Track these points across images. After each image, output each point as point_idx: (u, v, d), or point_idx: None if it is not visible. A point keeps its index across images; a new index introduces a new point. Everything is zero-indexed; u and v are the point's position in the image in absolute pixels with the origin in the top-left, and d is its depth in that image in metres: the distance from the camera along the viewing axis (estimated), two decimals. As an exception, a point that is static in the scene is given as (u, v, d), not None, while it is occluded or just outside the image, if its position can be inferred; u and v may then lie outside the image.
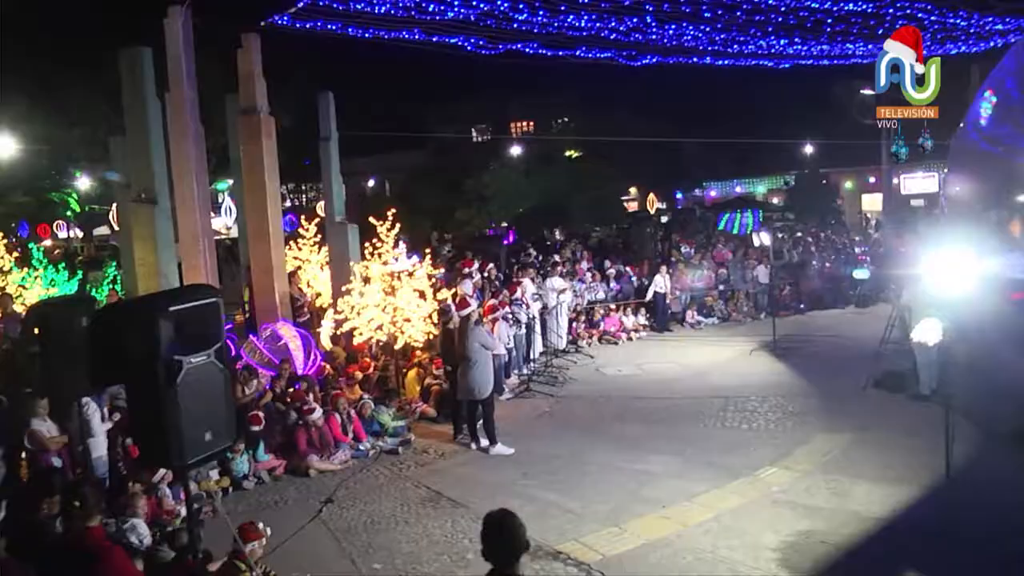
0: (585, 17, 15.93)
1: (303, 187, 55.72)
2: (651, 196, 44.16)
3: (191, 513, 5.50)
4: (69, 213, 43.34)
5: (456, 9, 14.61)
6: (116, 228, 36.57)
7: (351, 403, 11.50)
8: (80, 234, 50.40)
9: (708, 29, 17.38)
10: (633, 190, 51.48)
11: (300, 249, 17.41)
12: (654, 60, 19.87)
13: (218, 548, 6.96)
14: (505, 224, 33.46)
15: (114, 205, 34.66)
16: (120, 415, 10.10)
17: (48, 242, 48.52)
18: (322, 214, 21.14)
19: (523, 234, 32.21)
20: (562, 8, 15.21)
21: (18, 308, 13.08)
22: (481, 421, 11.33)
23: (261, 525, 7.25)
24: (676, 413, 12.73)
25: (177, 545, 7.46)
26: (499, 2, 14.50)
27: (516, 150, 43.66)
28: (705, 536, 8.13)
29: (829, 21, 18.19)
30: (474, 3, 14.53)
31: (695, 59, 19.91)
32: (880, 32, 18.55)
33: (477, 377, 11.07)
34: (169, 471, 9.18)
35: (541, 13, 15.27)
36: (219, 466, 10.14)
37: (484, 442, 11.21)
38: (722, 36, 17.17)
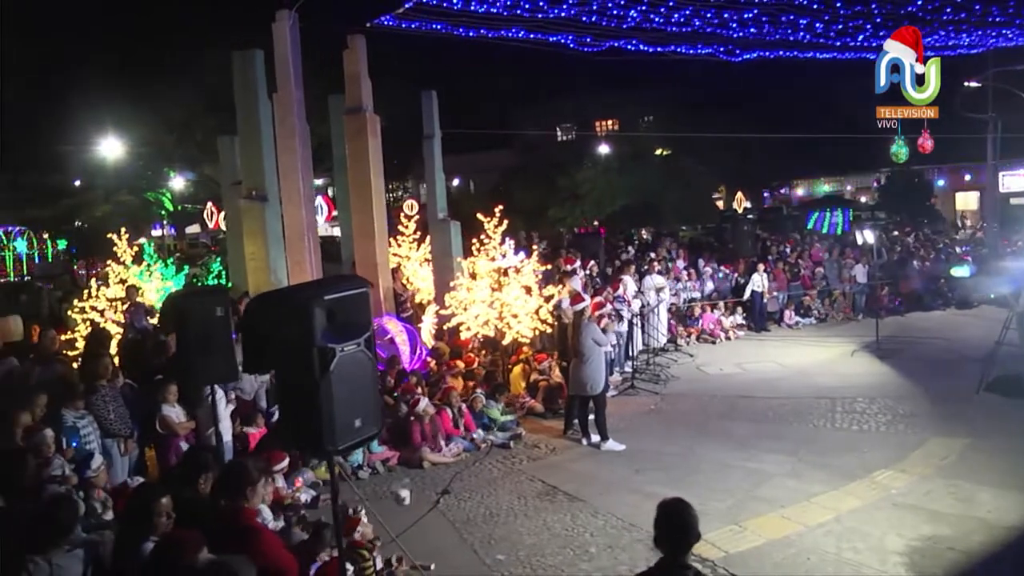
0: (688, 11, 15.90)
1: (390, 186, 56.52)
2: (739, 195, 43.59)
3: (335, 498, 5.66)
4: (162, 212, 44.80)
5: (567, 8, 14.71)
6: (209, 226, 37.85)
7: (462, 397, 11.68)
8: (172, 232, 52.10)
9: (817, 24, 17.13)
10: (720, 189, 50.95)
11: (399, 246, 17.72)
12: (755, 55, 19.67)
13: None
14: (596, 222, 33.43)
15: (208, 204, 35.87)
16: (238, 403, 10.51)
17: (143, 239, 50.25)
18: (408, 211, 21.48)
19: (612, 232, 32.16)
20: (670, 3, 15.19)
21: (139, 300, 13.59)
22: (592, 416, 11.39)
23: (363, 512, 7.46)
24: (783, 413, 12.62)
25: (308, 529, 7.71)
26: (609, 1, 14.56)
27: (604, 149, 43.50)
28: (827, 537, 8.06)
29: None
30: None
31: (798, 53, 19.62)
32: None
33: (590, 373, 11.13)
34: (286, 463, 9.54)
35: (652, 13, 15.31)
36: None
37: (595, 438, 11.26)
38: (835, 27, 16.86)
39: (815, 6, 16.33)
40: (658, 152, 42.96)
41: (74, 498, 5.92)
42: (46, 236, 42.77)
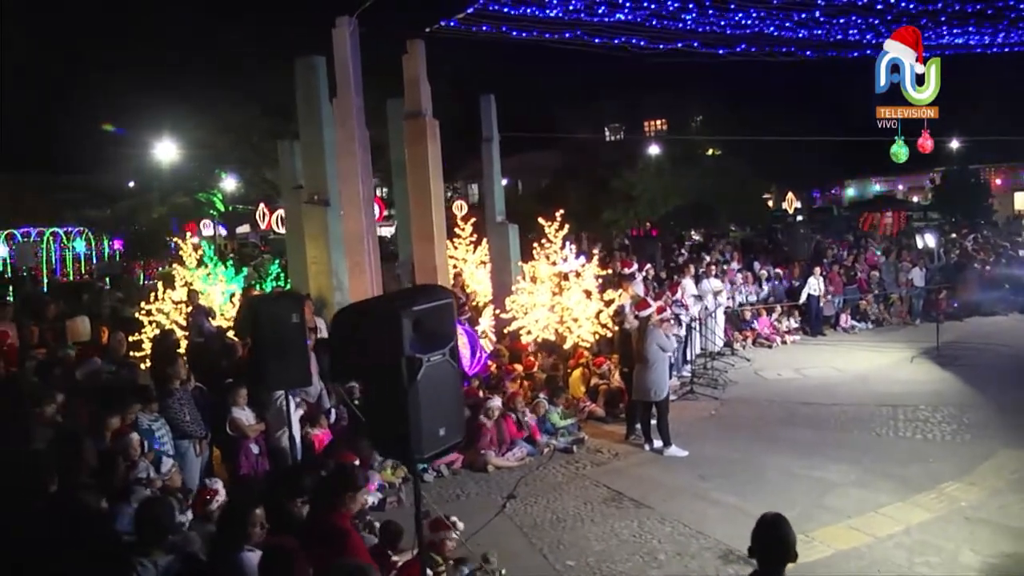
0: (754, 14, 15.82)
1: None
2: (789, 195, 43.21)
3: (419, 502, 5.76)
4: (213, 212, 45.61)
5: (625, 11, 14.73)
6: (261, 227, 38.41)
7: (527, 402, 11.76)
8: (224, 231, 52.98)
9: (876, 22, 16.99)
10: (770, 190, 50.45)
11: (456, 248, 17.85)
12: (811, 55, 19.52)
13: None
14: (649, 224, 33.37)
15: (260, 205, 36.42)
16: (306, 407, 10.68)
17: (195, 239, 51.13)
18: (457, 212, 21.60)
19: (664, 234, 32.08)
20: (731, 6, 15.17)
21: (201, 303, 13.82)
22: (655, 422, 11.42)
23: (455, 519, 7.57)
24: (845, 420, 12.49)
25: (377, 531, 7.84)
26: (668, 3, 14.55)
27: (653, 150, 43.35)
28: (898, 550, 7.96)
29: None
30: (644, 4, 14.62)
31: (855, 53, 19.44)
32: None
33: (654, 378, 11.14)
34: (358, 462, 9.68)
35: (711, 12, 15.28)
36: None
37: (658, 443, 11.28)
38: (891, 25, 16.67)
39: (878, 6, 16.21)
40: (709, 152, 42.76)
41: (170, 499, 6.07)
42: (103, 236, 43.66)
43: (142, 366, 11.08)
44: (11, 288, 25.90)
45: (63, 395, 8.28)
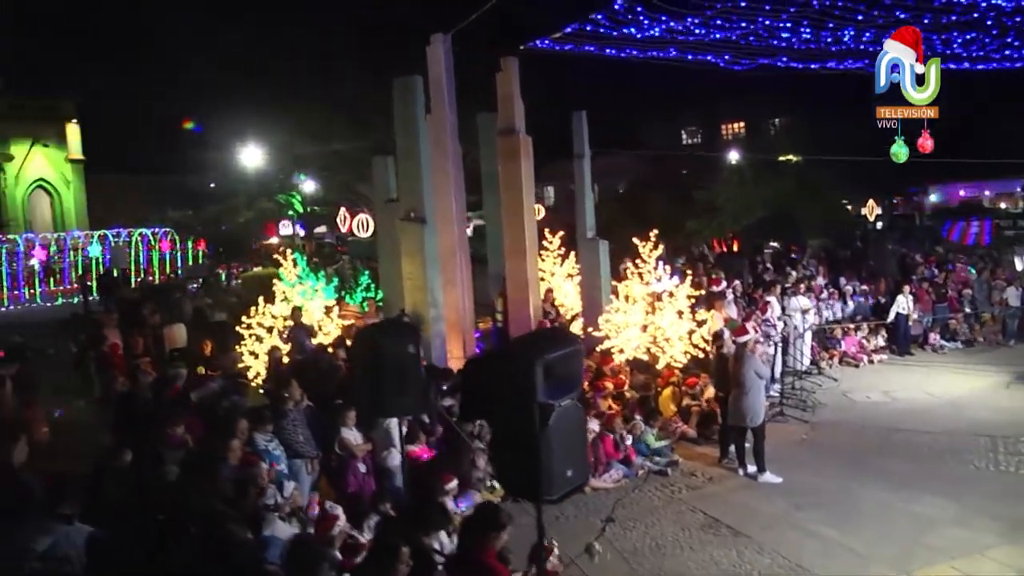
0: (851, 33, 15.70)
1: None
2: (870, 203, 42.20)
3: (541, 536, 5.98)
4: (292, 213, 46.58)
5: (722, 30, 14.75)
6: (342, 230, 39.14)
7: (625, 426, 11.86)
8: (303, 231, 54.07)
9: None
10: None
11: (543, 260, 18.02)
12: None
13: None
14: (731, 235, 33.08)
15: (342, 209, 37.14)
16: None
17: (274, 239, 52.34)
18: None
19: (745, 244, 31.76)
20: (830, 25, 15.08)
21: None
22: (749, 446, 11.43)
23: (555, 542, 7.70)
24: (940, 450, 12.22)
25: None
26: (760, 21, 14.55)
27: (733, 155, 42.87)
28: (1012, 598, 7.89)
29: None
30: (739, 24, 14.65)
31: (952, 64, 19.11)
32: None
33: (750, 404, 11.15)
34: (455, 484, 9.90)
35: (806, 31, 15.21)
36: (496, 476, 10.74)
37: (752, 468, 11.29)
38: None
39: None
40: (789, 159, 42.02)
41: (321, 548, 6.25)
42: (188, 238, 44.85)
43: (253, 384, 11.44)
44: (105, 288, 26.83)
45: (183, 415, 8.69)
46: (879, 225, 46.63)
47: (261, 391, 11.09)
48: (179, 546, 5.46)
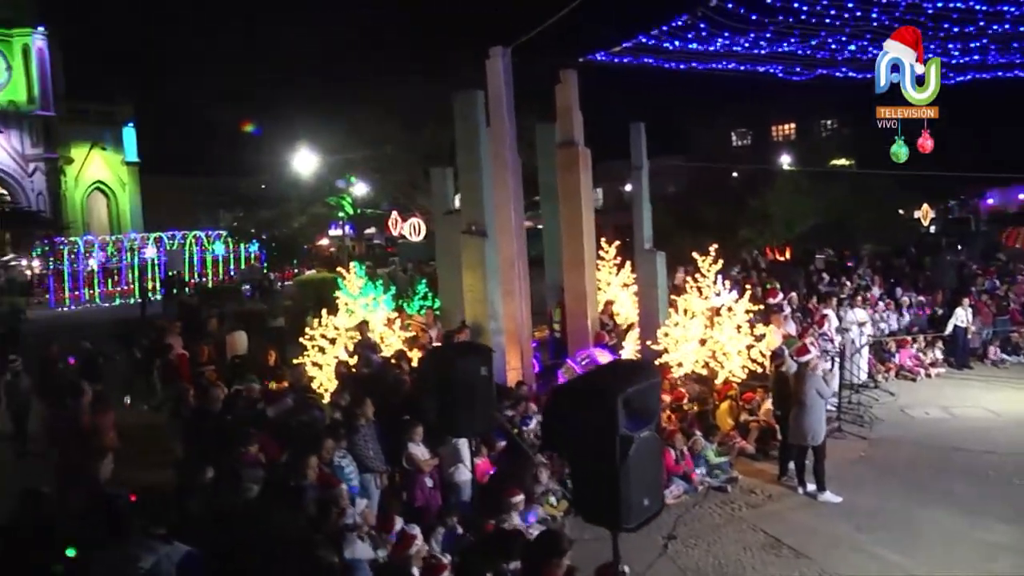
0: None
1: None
2: (925, 208, 41.57)
3: (616, 564, 6.14)
4: (341, 214, 47.18)
5: (790, 44, 14.77)
6: (394, 233, 39.55)
7: (685, 441, 11.93)
8: (352, 232, 54.72)
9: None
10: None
11: (599, 269, 18.09)
12: (970, 77, 19.06)
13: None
14: (784, 243, 32.82)
15: (393, 213, 37.55)
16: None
17: (325, 241, 53.09)
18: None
19: (797, 253, 31.49)
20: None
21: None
22: (809, 463, 11.42)
23: (626, 569, 7.80)
24: (1006, 472, 11.92)
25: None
26: (829, 38, 14.57)
27: (785, 159, 42.58)
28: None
29: None
30: (812, 41, 14.67)
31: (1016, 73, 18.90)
32: None
33: (811, 423, 11.13)
34: (521, 499, 10.03)
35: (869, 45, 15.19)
36: (560, 491, 10.88)
37: (811, 486, 11.27)
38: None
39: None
40: (842, 163, 41.60)
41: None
42: (241, 241, 45.62)
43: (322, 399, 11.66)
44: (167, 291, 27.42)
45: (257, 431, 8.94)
46: (932, 229, 45.97)
47: (330, 405, 11.25)
48: (269, 571, 5.66)
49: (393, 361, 12.78)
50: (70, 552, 6.98)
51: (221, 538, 6.53)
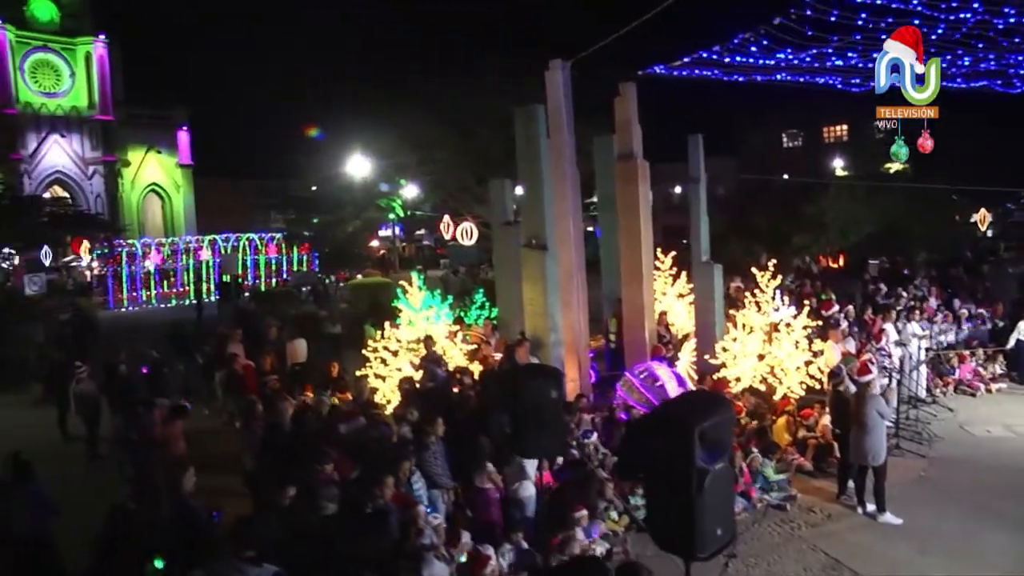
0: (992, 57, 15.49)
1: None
2: (982, 212, 40.74)
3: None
4: (392, 216, 47.68)
5: (852, 58, 14.76)
6: (446, 237, 39.91)
7: (743, 457, 11.97)
8: (401, 233, 55.28)
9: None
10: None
11: (654, 280, 18.15)
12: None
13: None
14: (838, 250, 32.54)
15: (445, 217, 37.91)
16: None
17: (375, 243, 53.61)
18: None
19: (851, 261, 31.22)
20: (959, 52, 14.94)
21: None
22: (870, 484, 11.39)
23: None
24: None
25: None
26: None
27: (837, 163, 42.16)
28: None
29: None
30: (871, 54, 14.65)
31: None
32: None
33: (872, 444, 11.08)
34: (585, 514, 10.18)
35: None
36: (621, 505, 11.01)
37: (871, 507, 11.26)
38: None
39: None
40: (897, 167, 40.95)
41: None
42: (294, 244, 46.23)
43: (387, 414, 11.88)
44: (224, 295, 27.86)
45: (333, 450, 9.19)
46: (989, 234, 45.23)
47: (394, 418, 11.47)
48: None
49: (457, 376, 13.02)
50: (158, 563, 7.29)
51: (300, 558, 6.77)
